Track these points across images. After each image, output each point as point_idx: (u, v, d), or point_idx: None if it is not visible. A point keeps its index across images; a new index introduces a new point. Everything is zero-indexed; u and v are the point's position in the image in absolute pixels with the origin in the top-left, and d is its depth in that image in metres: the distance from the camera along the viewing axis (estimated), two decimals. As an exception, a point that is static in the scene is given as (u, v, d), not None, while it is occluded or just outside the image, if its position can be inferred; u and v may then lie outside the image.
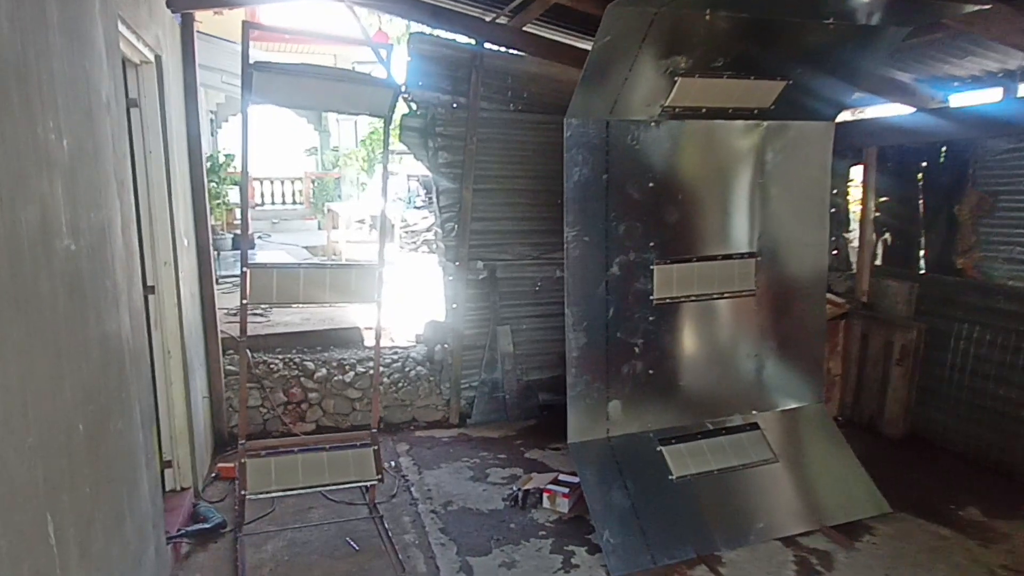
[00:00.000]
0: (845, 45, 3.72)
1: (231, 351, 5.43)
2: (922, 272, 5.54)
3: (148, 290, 3.98)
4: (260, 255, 11.71)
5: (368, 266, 3.91)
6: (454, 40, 5.56)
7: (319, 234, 15.67)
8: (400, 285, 9.74)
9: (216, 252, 9.75)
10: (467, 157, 5.51)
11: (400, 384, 5.66)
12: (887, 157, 5.64)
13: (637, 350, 3.98)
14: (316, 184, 20.26)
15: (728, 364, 4.24)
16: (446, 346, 5.74)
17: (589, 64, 3.33)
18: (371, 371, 5.59)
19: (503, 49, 5.61)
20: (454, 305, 5.67)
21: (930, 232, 5.41)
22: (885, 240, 5.82)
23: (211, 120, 17.73)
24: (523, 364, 5.93)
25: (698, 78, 3.64)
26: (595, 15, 4.66)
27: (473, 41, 5.42)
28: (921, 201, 5.47)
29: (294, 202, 20.72)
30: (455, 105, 5.45)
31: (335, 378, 5.46)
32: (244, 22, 3.44)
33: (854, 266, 6.00)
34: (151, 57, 3.82)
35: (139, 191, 3.88)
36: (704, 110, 3.86)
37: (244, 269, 3.61)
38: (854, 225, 6.13)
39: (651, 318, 3.99)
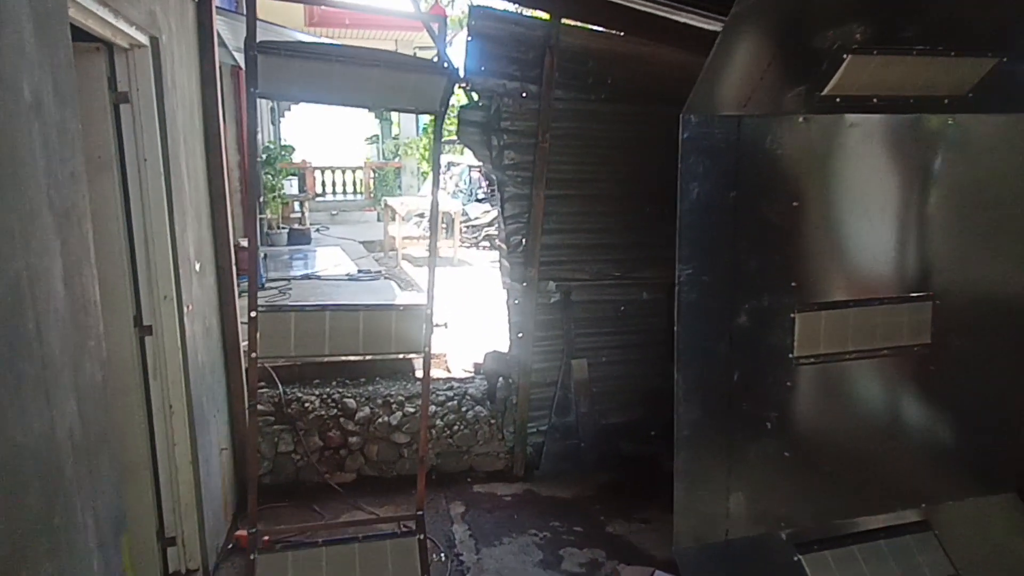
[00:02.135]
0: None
1: (264, 385, 4.68)
2: None
3: (143, 331, 3.22)
4: (318, 254, 11.09)
5: (413, 308, 3.03)
6: (524, 15, 4.59)
7: (378, 227, 15.03)
8: (460, 292, 8.90)
9: (263, 255, 9.17)
10: (538, 157, 4.54)
11: (456, 427, 4.78)
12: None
13: (770, 426, 2.95)
14: (376, 174, 19.70)
15: (891, 443, 3.16)
16: (510, 381, 4.83)
17: (724, 36, 2.31)
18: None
19: (584, 25, 4.60)
20: (520, 334, 4.74)
21: None
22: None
23: (272, 109, 17.39)
24: (602, 405, 4.96)
25: (876, 55, 2.55)
26: (711, -25, 3.61)
27: (547, 16, 4.43)
28: None
29: (355, 192, 20.25)
30: (524, 95, 4.48)
31: (379, 419, 4.63)
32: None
33: None
34: (143, 40, 3.01)
35: (131, 209, 3.11)
36: (876, 100, 2.77)
37: (252, 314, 2.78)
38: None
39: (789, 383, 2.94)
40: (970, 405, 3.21)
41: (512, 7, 4.67)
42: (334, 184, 20.16)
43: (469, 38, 4.39)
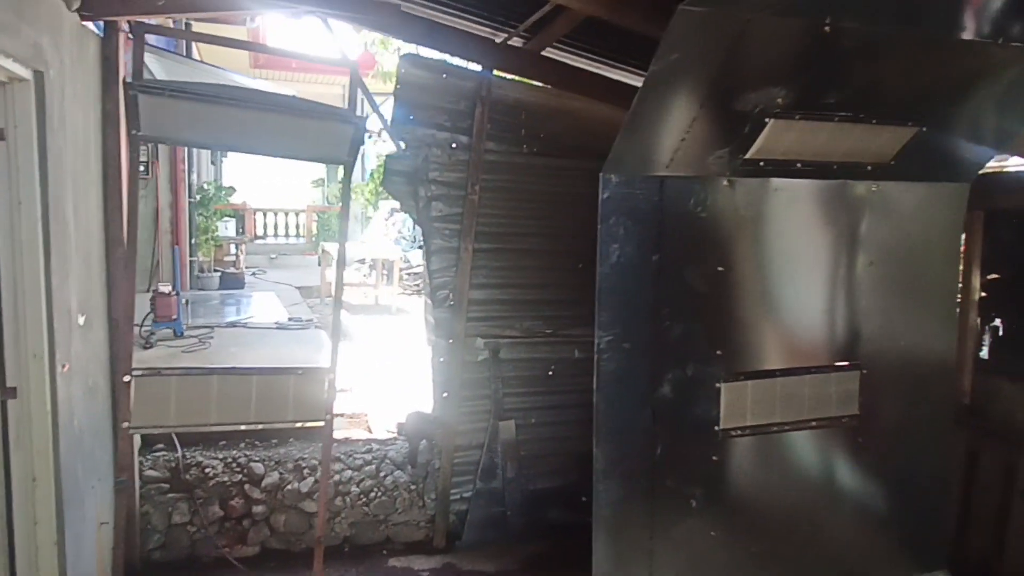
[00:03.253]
0: (1008, 76, 2.57)
1: (162, 447, 4.25)
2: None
3: (6, 393, 2.83)
4: (251, 299, 10.59)
5: (314, 372, 2.76)
6: (456, 65, 4.49)
7: (318, 272, 14.61)
8: (394, 342, 8.59)
9: (185, 300, 8.66)
10: (467, 209, 4.38)
11: (373, 493, 4.44)
12: (999, 223, 4.43)
13: (695, 503, 2.77)
14: (319, 218, 19.33)
15: (821, 519, 3.01)
16: (434, 444, 4.54)
17: (643, 94, 2.20)
18: (338, 474, 4.40)
19: (516, 78, 4.53)
20: (445, 393, 4.48)
21: (1064, 323, 4.17)
22: (995, 328, 4.58)
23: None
24: (530, 469, 4.70)
25: (798, 120, 2.50)
26: (639, 34, 3.56)
27: (479, 67, 4.34)
28: (1049, 283, 4.24)
29: (298, 235, 19.80)
30: (454, 145, 4.35)
31: (288, 486, 4.25)
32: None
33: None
34: (25, 74, 2.73)
35: (-1, 257, 2.77)
36: (800, 165, 2.71)
37: (125, 378, 2.46)
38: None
39: (715, 457, 2.78)
40: (899, 478, 3.12)
41: (444, 57, 4.56)
42: (276, 227, 19.70)
43: (398, 86, 4.24)
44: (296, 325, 8.69)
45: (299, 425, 4.34)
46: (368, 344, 8.86)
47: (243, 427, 4.36)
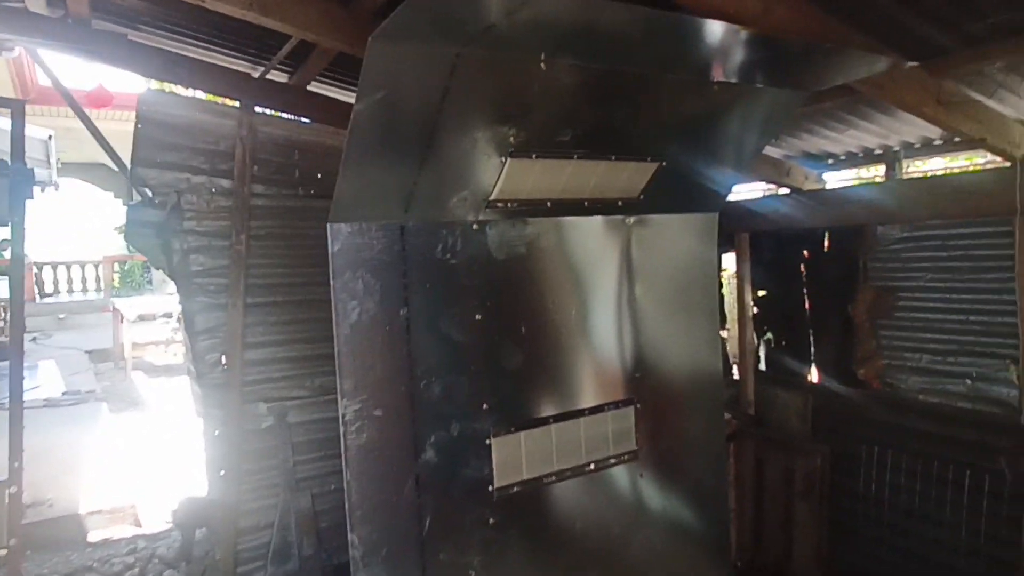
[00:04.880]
0: (733, 114, 2.67)
1: None
2: (814, 381, 4.64)
3: None
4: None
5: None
6: (213, 102, 4.05)
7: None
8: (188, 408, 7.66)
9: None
10: (234, 261, 3.92)
11: (138, 602, 3.76)
12: (762, 244, 4.79)
13: (474, 574, 2.53)
14: (121, 269, 17.34)
15: (612, 560, 2.90)
16: (211, 532, 3.96)
17: (352, 138, 1.96)
18: (90, 587, 3.67)
19: (287, 115, 4.17)
20: (222, 471, 3.93)
21: (820, 333, 4.55)
22: (768, 341, 4.92)
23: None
24: (332, 542, 4.25)
25: (536, 159, 2.39)
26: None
27: (238, 103, 3.93)
28: (806, 296, 4.62)
29: (98, 289, 17.56)
30: (214, 190, 3.88)
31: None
32: None
33: (734, 371, 5.05)
34: None
35: None
36: (549, 204, 2.62)
37: None
38: (730, 323, 5.21)
39: (492, 519, 2.57)
40: (682, 502, 3.12)
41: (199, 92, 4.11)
42: (70, 282, 17.37)
43: (139, 125, 3.71)
44: (71, 400, 7.53)
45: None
46: (160, 413, 7.85)
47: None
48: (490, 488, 2.55)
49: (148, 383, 9.10)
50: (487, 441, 2.54)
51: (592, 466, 2.82)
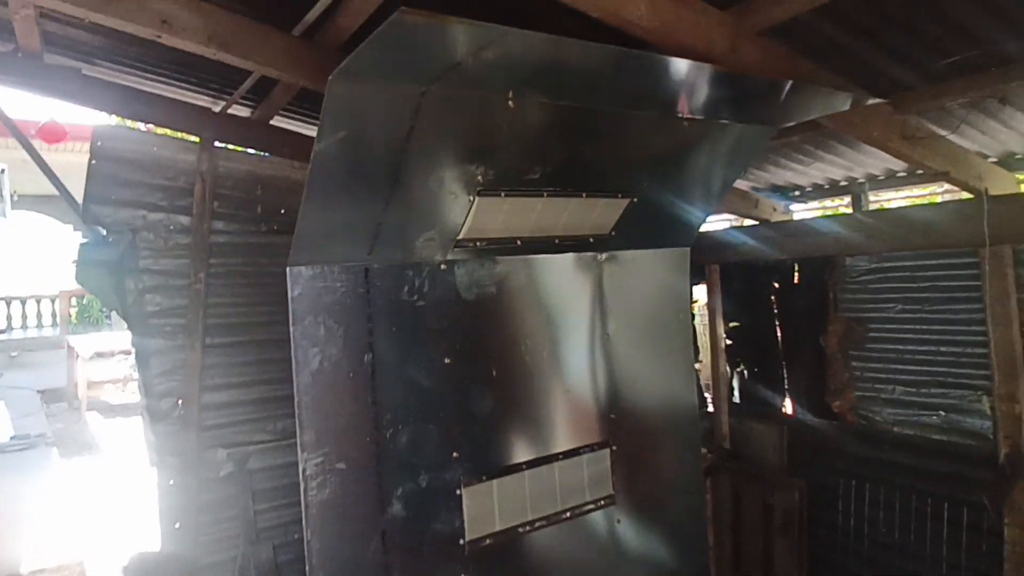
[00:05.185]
0: (702, 149, 2.64)
1: None
2: (789, 413, 4.60)
3: None
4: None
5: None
6: (171, 137, 3.91)
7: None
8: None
9: None
10: (193, 300, 3.75)
11: (84, 669, 3.50)
12: (733, 276, 4.79)
13: (447, 634, 2.39)
14: (79, 303, 16.78)
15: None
16: (167, 590, 3.72)
17: (313, 178, 1.87)
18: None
19: (248, 149, 4.06)
20: (177, 524, 3.71)
21: (793, 365, 4.53)
22: (741, 373, 4.89)
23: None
24: (296, 595, 4.04)
25: (506, 197, 2.32)
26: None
27: (197, 139, 3.81)
28: (778, 328, 4.61)
29: (54, 324, 16.93)
30: (172, 227, 3.73)
31: None
32: None
33: (709, 403, 5.01)
34: None
35: None
36: (520, 242, 2.55)
37: None
38: (703, 355, 5.17)
39: (464, 575, 2.43)
40: (660, 542, 3.01)
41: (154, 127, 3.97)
42: (24, 317, 16.73)
43: (93, 161, 3.56)
44: (17, 445, 7.16)
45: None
46: (114, 457, 7.50)
47: None
48: (461, 542, 2.42)
49: (103, 424, 8.72)
50: (458, 491, 2.42)
51: (568, 514, 2.71)
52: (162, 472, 3.73)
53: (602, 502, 2.82)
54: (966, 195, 3.56)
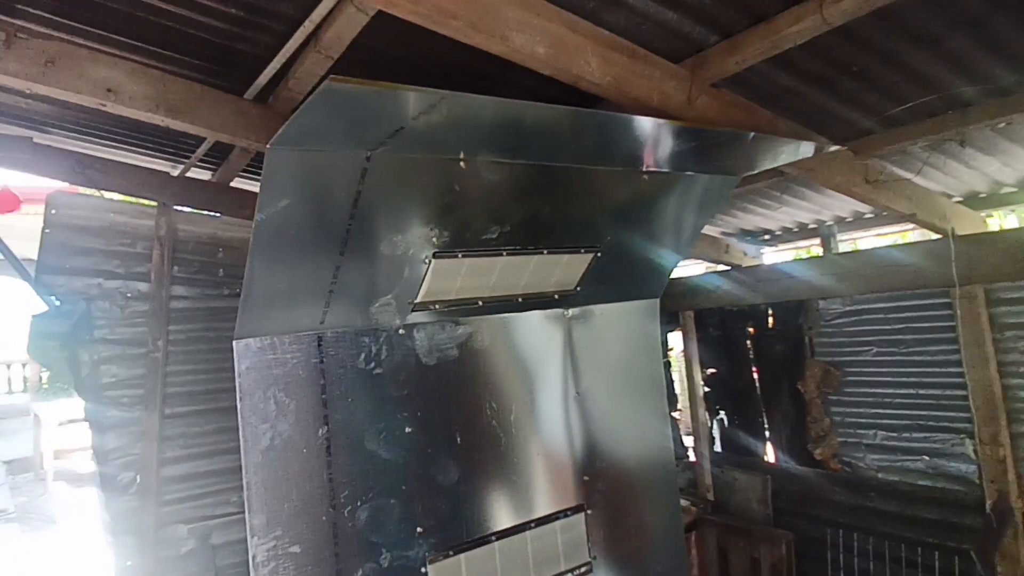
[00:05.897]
0: (666, 201, 2.61)
1: None
2: (771, 462, 4.49)
3: None
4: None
5: None
6: (127, 202, 3.83)
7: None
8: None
9: None
10: (151, 370, 3.61)
11: None
12: (707, 322, 4.74)
13: None
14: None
15: None
16: None
17: (256, 248, 1.79)
18: None
19: (209, 212, 3.98)
20: (134, 610, 3.48)
21: (773, 411, 4.45)
22: (721, 421, 4.79)
23: None
24: None
25: (463, 257, 2.25)
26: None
27: (154, 204, 3.72)
28: (755, 374, 4.54)
29: (24, 390, 16.39)
30: (130, 295, 3.61)
31: None
32: None
33: (690, 452, 4.89)
34: None
35: None
36: (481, 302, 2.47)
37: None
38: (682, 403, 5.07)
39: (432, 662, 2.26)
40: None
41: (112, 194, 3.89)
42: (-8, 383, 16.19)
43: (47, 229, 3.46)
44: (-27, 524, 6.80)
45: None
46: (78, 531, 7.15)
47: None
48: (429, 624, 2.26)
49: (70, 495, 8.34)
50: (423, 569, 2.27)
51: (544, 585, 2.56)
52: (119, 552, 3.51)
53: (580, 570, 2.68)
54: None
